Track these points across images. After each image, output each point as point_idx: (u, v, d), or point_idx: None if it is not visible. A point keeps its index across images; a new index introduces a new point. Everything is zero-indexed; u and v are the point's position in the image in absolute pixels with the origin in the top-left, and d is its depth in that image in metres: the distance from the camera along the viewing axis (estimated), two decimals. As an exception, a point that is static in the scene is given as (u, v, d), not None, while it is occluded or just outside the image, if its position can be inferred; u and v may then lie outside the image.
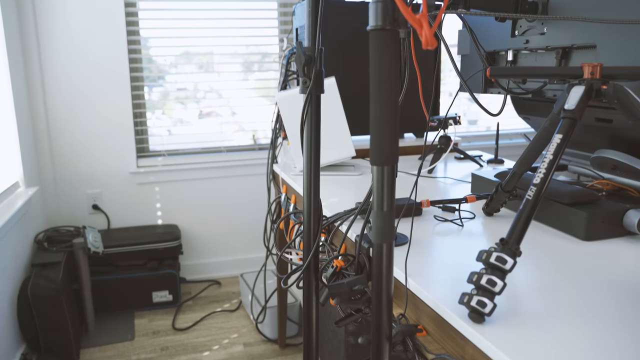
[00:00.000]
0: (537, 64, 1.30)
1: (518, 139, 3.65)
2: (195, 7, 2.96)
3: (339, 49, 2.02)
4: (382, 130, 0.63)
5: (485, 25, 1.42)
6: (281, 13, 3.09)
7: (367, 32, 0.66)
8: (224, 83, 3.11)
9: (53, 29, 2.72)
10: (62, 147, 2.84)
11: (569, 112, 0.90)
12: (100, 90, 2.85)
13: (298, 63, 0.83)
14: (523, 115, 1.55)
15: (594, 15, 1.12)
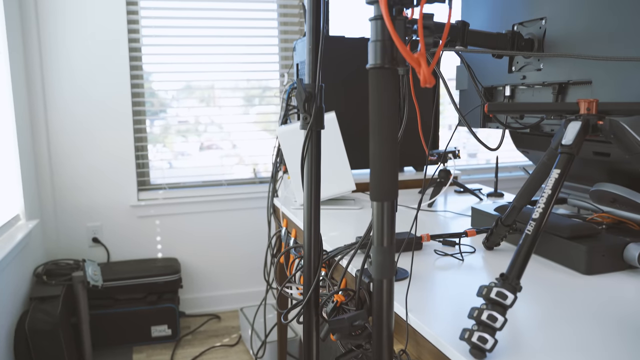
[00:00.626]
0: (534, 99, 1.32)
1: (518, 172, 3.67)
2: (197, 42, 3.02)
3: (339, 83, 2.04)
4: (381, 167, 0.64)
5: (482, 61, 1.45)
6: (282, 48, 3.15)
7: (367, 67, 0.68)
8: (225, 117, 3.14)
9: (57, 69, 2.76)
10: (63, 181, 2.85)
11: (567, 148, 0.91)
12: (102, 126, 2.87)
13: (299, 100, 0.84)
14: (522, 149, 1.56)
15: (589, 51, 1.15)
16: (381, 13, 0.64)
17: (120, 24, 2.83)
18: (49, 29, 2.74)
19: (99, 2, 2.79)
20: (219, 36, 3.04)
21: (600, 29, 1.12)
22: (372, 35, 0.67)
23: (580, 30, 1.17)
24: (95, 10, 2.79)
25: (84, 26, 2.78)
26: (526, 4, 1.31)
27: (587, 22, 1.15)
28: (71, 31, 2.77)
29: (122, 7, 2.82)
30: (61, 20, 2.75)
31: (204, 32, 3.02)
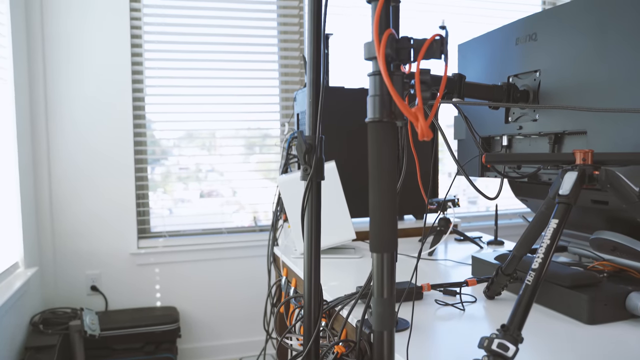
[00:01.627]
0: (531, 148, 1.34)
1: (517, 219, 3.67)
2: (200, 92, 3.07)
3: (339, 132, 2.07)
4: (380, 218, 0.65)
5: (480, 111, 1.48)
6: (282, 98, 3.20)
7: (366, 116, 0.70)
8: (226, 165, 3.16)
9: (60, 118, 2.81)
10: (64, 228, 2.85)
11: (564, 197, 0.92)
12: (104, 173, 2.90)
13: (299, 151, 0.86)
14: (521, 198, 1.57)
15: (583, 102, 1.17)
16: (379, 69, 0.66)
17: (125, 74, 2.89)
18: (55, 79, 2.80)
19: (104, 52, 2.86)
20: (221, 86, 3.10)
21: (593, 80, 1.15)
22: (370, 90, 0.69)
23: (574, 82, 1.20)
24: (101, 60, 2.86)
25: (88, 77, 2.84)
26: (520, 57, 1.35)
27: (580, 74, 1.18)
28: (76, 81, 2.83)
29: (127, 58, 2.89)
30: (65, 70, 2.81)
31: (206, 83, 3.08)
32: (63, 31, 2.80)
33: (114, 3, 2.87)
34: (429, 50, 0.68)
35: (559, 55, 1.24)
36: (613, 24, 1.10)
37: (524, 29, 1.35)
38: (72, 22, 2.81)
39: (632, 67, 1.07)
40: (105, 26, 2.86)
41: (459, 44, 1.60)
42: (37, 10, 2.75)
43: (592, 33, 1.15)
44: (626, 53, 1.08)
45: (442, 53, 0.69)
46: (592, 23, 1.15)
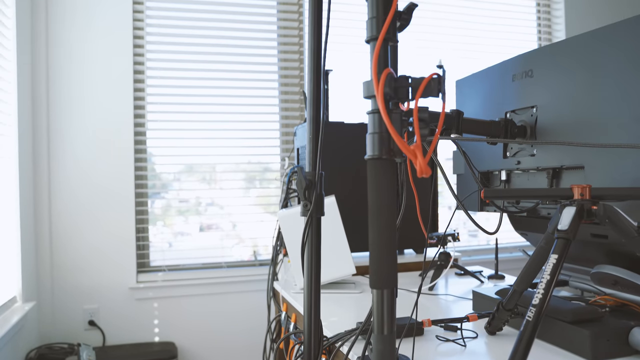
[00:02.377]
0: (530, 183, 1.35)
1: (518, 253, 3.66)
2: (200, 127, 3.10)
3: (338, 167, 2.09)
4: (380, 255, 0.65)
5: (478, 146, 1.49)
6: (283, 133, 3.23)
7: (365, 151, 0.71)
8: (227, 199, 3.17)
9: (63, 153, 2.83)
10: (63, 262, 2.84)
11: (563, 233, 0.92)
12: (105, 207, 2.90)
13: (299, 187, 0.87)
14: (520, 232, 1.57)
15: (579, 138, 1.18)
16: (378, 107, 0.67)
17: (127, 108, 2.93)
18: (57, 114, 2.83)
19: (106, 87, 2.90)
20: (222, 121, 3.13)
21: (589, 116, 1.17)
22: (370, 128, 0.71)
23: (570, 118, 1.21)
24: (103, 95, 2.89)
25: (90, 112, 2.88)
26: (517, 93, 1.37)
27: (576, 110, 1.20)
28: (78, 116, 2.86)
29: (129, 92, 2.93)
30: (67, 106, 2.84)
31: (207, 117, 3.11)
32: (66, 67, 2.84)
33: (116, 36, 2.92)
34: (426, 88, 0.69)
35: (555, 92, 1.26)
36: (607, 60, 1.13)
37: (520, 65, 1.37)
38: (76, 57, 2.86)
39: (627, 102, 1.08)
40: (107, 60, 2.91)
41: (457, 80, 1.63)
42: (43, 43, 2.80)
43: (586, 69, 1.17)
44: (620, 89, 1.09)
45: (439, 91, 0.71)
46: (586, 60, 1.17)
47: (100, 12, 2.91)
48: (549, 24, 3.84)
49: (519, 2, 3.76)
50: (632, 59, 1.08)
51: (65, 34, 2.85)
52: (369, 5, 0.75)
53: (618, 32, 1.12)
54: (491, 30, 3.67)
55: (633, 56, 1.08)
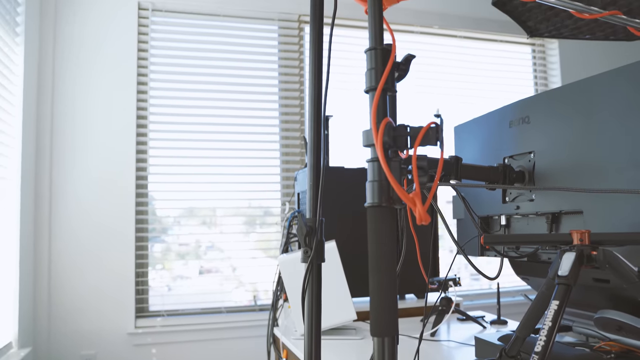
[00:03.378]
0: (529, 227, 1.35)
1: (520, 297, 3.62)
2: (201, 171, 3.12)
3: (339, 212, 2.09)
4: (380, 303, 0.65)
5: (477, 191, 1.50)
6: (283, 177, 3.25)
7: (365, 205, 0.72)
8: (227, 243, 3.16)
9: (64, 196, 2.85)
10: (60, 306, 2.81)
11: (563, 279, 0.92)
12: (105, 250, 2.89)
13: (300, 234, 0.87)
14: (522, 276, 1.56)
15: (577, 183, 1.20)
16: (378, 156, 0.69)
17: (129, 151, 2.96)
18: (60, 155, 2.86)
19: (109, 131, 2.94)
20: (223, 165, 3.16)
21: (586, 161, 1.18)
22: (369, 176, 0.72)
23: (568, 163, 1.23)
24: (106, 138, 2.93)
25: (93, 154, 2.91)
26: (515, 138, 1.39)
27: (573, 155, 1.22)
28: (81, 158, 2.88)
29: (132, 136, 2.97)
30: (71, 147, 2.87)
31: (208, 162, 3.14)
32: (70, 110, 2.89)
33: (120, 83, 2.98)
34: (425, 137, 0.71)
35: (552, 137, 1.28)
36: (602, 107, 1.15)
37: (517, 112, 1.39)
38: (80, 103, 2.91)
39: (624, 148, 1.10)
40: (110, 104, 2.96)
41: (455, 125, 1.65)
42: (49, 88, 2.85)
43: (582, 115, 1.19)
44: (617, 134, 1.11)
45: (437, 140, 0.72)
46: (582, 106, 1.20)
47: (106, 58, 2.98)
48: (544, 69, 3.91)
49: (515, 49, 3.85)
50: (627, 105, 1.10)
51: (70, 79, 2.91)
52: (367, 56, 0.78)
53: (612, 79, 1.14)
54: (488, 76, 3.74)
55: (628, 102, 1.10)
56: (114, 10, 3.03)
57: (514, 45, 3.84)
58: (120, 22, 3.03)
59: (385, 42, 0.81)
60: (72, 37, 2.94)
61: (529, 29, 2.05)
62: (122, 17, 3.04)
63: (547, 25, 2.01)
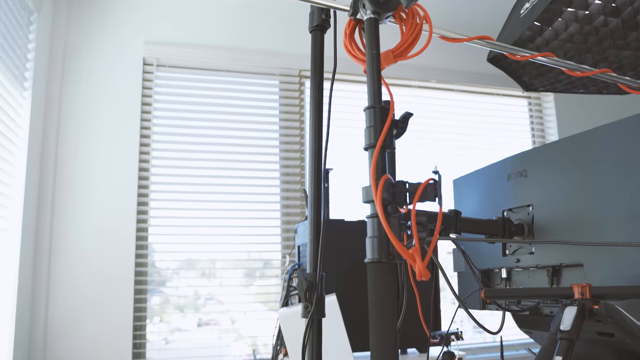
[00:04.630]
0: (530, 280, 1.35)
1: (523, 351, 3.55)
2: (201, 223, 3.13)
3: (339, 265, 2.08)
4: (381, 358, 0.65)
5: (477, 244, 1.51)
6: (284, 230, 3.25)
7: (365, 261, 0.72)
8: (228, 296, 3.13)
9: (65, 246, 2.84)
10: (57, 356, 2.75)
11: (566, 333, 0.92)
12: (104, 297, 2.86)
13: (300, 288, 0.88)
14: (525, 329, 1.55)
15: (577, 236, 1.20)
16: (377, 212, 0.70)
17: (130, 202, 2.97)
18: (62, 204, 2.87)
19: (111, 182, 2.96)
20: (224, 217, 3.16)
21: (584, 214, 1.19)
22: (369, 231, 0.73)
23: (566, 216, 1.24)
24: (108, 188, 2.95)
25: (95, 204, 2.92)
26: (513, 192, 1.40)
27: (571, 208, 1.23)
28: (83, 207, 2.89)
29: (134, 187, 2.99)
30: (73, 197, 2.89)
31: (209, 214, 3.14)
32: (73, 162, 2.92)
33: (124, 137, 3.02)
34: (423, 193, 0.72)
35: (549, 190, 1.29)
36: (599, 160, 1.17)
37: (514, 165, 1.42)
38: (83, 155, 2.94)
39: (621, 201, 1.11)
40: (114, 157, 2.99)
41: (454, 179, 1.67)
42: (53, 141, 2.89)
43: (579, 169, 1.21)
44: (614, 187, 1.13)
45: (436, 196, 0.73)
46: (578, 159, 1.22)
47: (110, 111, 3.03)
48: (541, 121, 3.97)
49: (512, 102, 3.92)
50: (623, 158, 1.12)
51: (74, 132, 2.95)
52: (366, 115, 0.80)
53: (607, 133, 1.17)
54: (486, 128, 3.79)
55: (623, 156, 1.12)
56: (119, 65, 3.11)
57: (510, 98, 3.92)
58: (125, 76, 3.10)
59: (384, 98, 0.84)
60: (78, 90, 3.01)
61: (524, 83, 2.11)
62: (127, 71, 3.11)
63: (541, 80, 2.06)
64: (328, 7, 1.05)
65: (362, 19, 0.90)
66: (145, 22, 3.21)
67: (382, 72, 0.87)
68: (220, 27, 3.34)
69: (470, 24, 3.79)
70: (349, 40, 0.94)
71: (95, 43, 3.09)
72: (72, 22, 3.08)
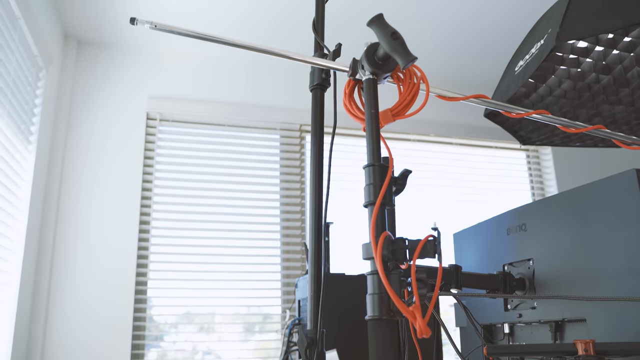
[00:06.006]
0: (533, 336, 1.33)
1: (532, 408, 3.46)
2: (201, 277, 3.10)
3: (340, 319, 2.06)
4: (384, 420, 0.64)
5: (479, 299, 1.50)
6: (284, 283, 3.22)
7: (366, 318, 0.72)
8: (225, 351, 3.07)
9: (64, 296, 2.82)
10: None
11: (570, 392, 0.90)
12: (101, 350, 2.81)
13: (300, 346, 0.87)
14: (529, 387, 1.52)
15: (577, 290, 1.20)
16: (377, 269, 0.71)
17: (130, 253, 2.96)
18: (62, 253, 2.86)
19: (112, 235, 2.96)
20: (223, 271, 3.14)
21: (584, 268, 1.19)
22: (369, 288, 0.73)
23: (566, 270, 1.24)
24: (108, 241, 2.94)
25: (97, 253, 2.91)
26: (513, 246, 1.41)
27: (570, 262, 1.23)
28: (83, 260, 2.88)
29: (134, 240, 2.98)
30: (72, 246, 2.88)
31: (209, 268, 3.13)
32: (74, 214, 2.93)
33: (125, 190, 3.05)
34: (423, 250, 0.73)
35: (549, 245, 1.30)
36: (596, 214, 1.18)
37: (513, 219, 1.43)
38: (84, 207, 2.96)
39: (621, 255, 1.11)
40: (115, 210, 3.00)
41: (454, 233, 1.68)
42: (55, 193, 2.91)
43: (577, 223, 1.22)
44: (612, 241, 1.13)
45: (435, 252, 0.74)
46: (576, 214, 1.23)
47: (112, 164, 3.07)
48: (539, 173, 4.00)
49: (510, 154, 3.96)
50: (620, 213, 1.13)
51: (77, 184, 2.98)
52: (366, 172, 0.82)
53: (604, 188, 1.18)
54: (485, 181, 3.82)
55: (620, 210, 1.13)
56: (123, 119, 3.16)
57: (509, 151, 3.96)
58: (129, 130, 3.15)
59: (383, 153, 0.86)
60: (82, 143, 3.05)
61: (521, 137, 2.14)
62: (131, 125, 3.17)
63: (538, 134, 2.09)
64: (328, 68, 1.08)
65: (361, 79, 0.93)
66: (149, 77, 3.29)
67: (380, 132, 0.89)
68: (223, 83, 3.42)
69: (470, 80, 3.88)
70: (349, 100, 0.97)
71: (100, 98, 3.16)
72: (78, 77, 3.16)
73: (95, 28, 3.10)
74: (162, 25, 0.98)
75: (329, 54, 1.13)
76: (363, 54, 0.90)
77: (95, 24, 3.06)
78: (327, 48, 1.17)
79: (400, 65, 0.82)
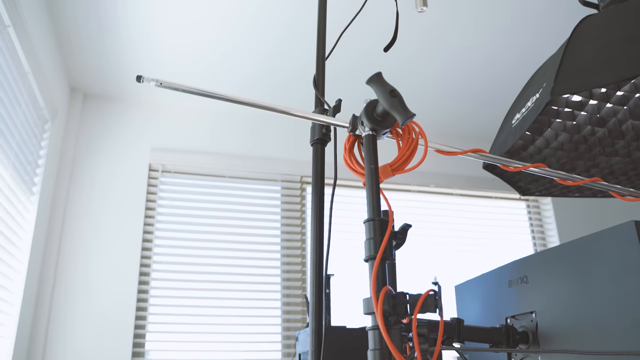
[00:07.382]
0: (539, 392, 1.31)
1: None
2: (201, 329, 3.06)
3: (341, 373, 2.02)
4: None
5: (482, 352, 1.48)
6: (285, 336, 3.17)
7: None
8: (224, 406, 3.00)
9: (63, 334, 2.78)
10: None
11: None
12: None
13: (302, 403, 0.86)
14: None
15: (582, 344, 1.18)
16: (378, 324, 0.71)
17: (130, 297, 2.95)
18: (62, 293, 2.85)
19: (111, 288, 2.94)
20: (223, 324, 3.10)
21: (589, 321, 1.18)
22: (370, 344, 0.73)
23: (570, 323, 1.23)
24: (107, 295, 2.92)
25: (98, 295, 2.89)
26: (515, 298, 1.40)
27: (574, 315, 1.22)
28: (81, 312, 2.85)
29: (133, 294, 2.96)
30: (72, 304, 2.85)
31: (209, 320, 3.09)
32: (73, 266, 2.92)
33: (126, 242, 3.05)
34: (424, 305, 0.73)
35: (551, 297, 1.29)
36: (597, 266, 1.18)
37: (515, 271, 1.42)
38: (84, 258, 2.95)
39: (622, 307, 1.11)
40: (115, 263, 3.00)
41: (456, 285, 1.67)
42: (56, 244, 2.91)
43: (579, 275, 1.22)
44: (614, 294, 1.13)
45: (436, 307, 0.74)
46: (578, 265, 1.23)
47: (113, 216, 3.08)
48: (540, 223, 4.00)
49: (510, 205, 3.97)
50: (621, 265, 1.13)
51: (77, 235, 2.99)
52: (366, 227, 0.83)
53: (604, 239, 1.19)
54: (486, 231, 3.81)
55: (621, 262, 1.13)
56: (126, 170, 3.20)
57: (509, 201, 3.98)
58: (131, 181, 3.18)
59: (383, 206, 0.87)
60: (84, 193, 3.08)
61: (520, 189, 2.16)
62: (133, 176, 3.20)
63: (537, 185, 2.11)
64: (329, 124, 1.11)
65: (360, 135, 0.96)
66: (152, 129, 3.34)
67: (380, 186, 0.90)
68: (224, 135, 3.47)
69: (474, 130, 3.95)
70: (349, 155, 0.99)
71: (104, 149, 3.21)
72: (83, 129, 3.21)
73: (101, 82, 3.18)
74: (167, 83, 1.01)
75: (330, 110, 1.16)
76: (362, 111, 0.92)
77: (101, 77, 3.14)
78: (327, 103, 1.20)
79: (399, 122, 0.84)
